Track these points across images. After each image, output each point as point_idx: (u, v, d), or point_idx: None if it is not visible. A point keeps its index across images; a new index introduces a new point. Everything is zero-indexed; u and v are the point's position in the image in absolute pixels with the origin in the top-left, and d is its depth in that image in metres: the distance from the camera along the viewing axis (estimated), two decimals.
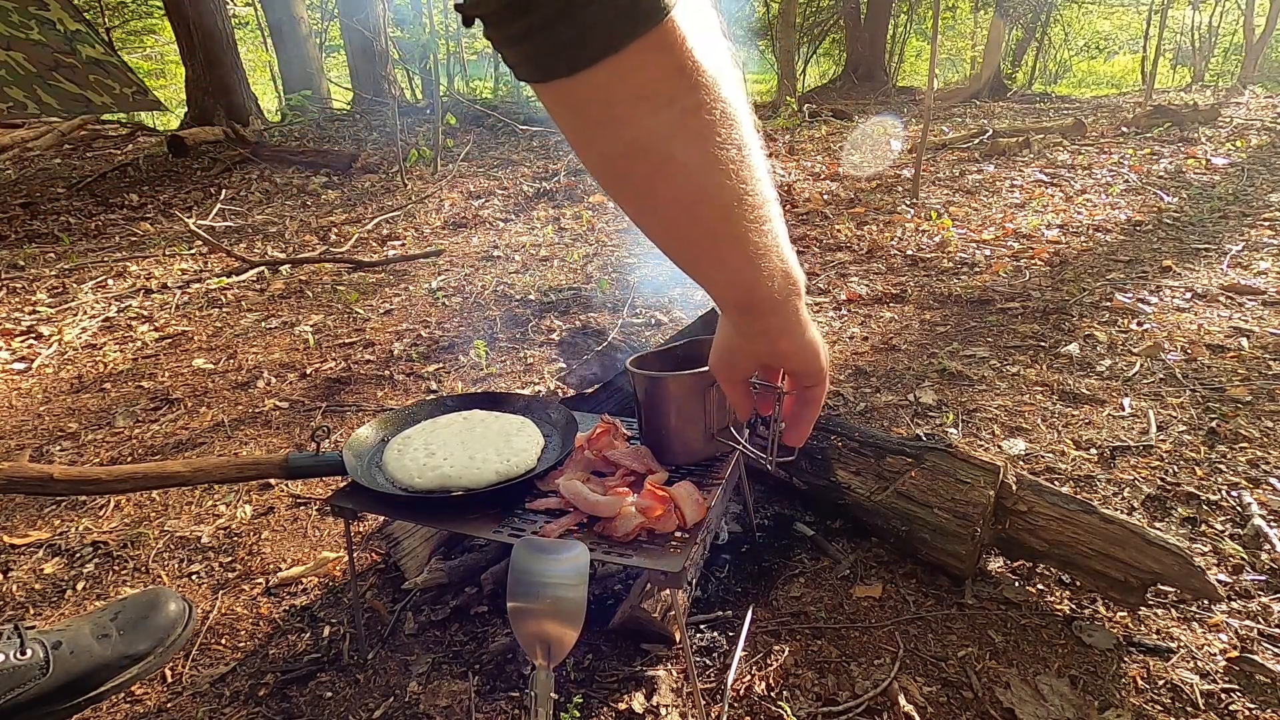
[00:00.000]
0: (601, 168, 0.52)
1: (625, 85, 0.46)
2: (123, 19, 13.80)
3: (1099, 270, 3.00)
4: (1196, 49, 13.27)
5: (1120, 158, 5.06)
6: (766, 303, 0.60)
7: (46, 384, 2.60)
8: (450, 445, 1.19)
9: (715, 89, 0.48)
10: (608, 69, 0.45)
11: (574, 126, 0.50)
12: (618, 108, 0.47)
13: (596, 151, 0.51)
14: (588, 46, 0.44)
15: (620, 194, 0.54)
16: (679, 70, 0.46)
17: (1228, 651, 1.19)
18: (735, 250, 0.55)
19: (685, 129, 0.48)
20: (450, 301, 3.18)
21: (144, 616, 1.22)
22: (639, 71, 0.45)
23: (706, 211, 0.53)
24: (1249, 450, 1.71)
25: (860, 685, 1.16)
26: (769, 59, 14.54)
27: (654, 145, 0.49)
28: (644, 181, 0.52)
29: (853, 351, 2.43)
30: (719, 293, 0.61)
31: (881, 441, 1.47)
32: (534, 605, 0.87)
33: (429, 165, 5.93)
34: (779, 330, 0.62)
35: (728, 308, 0.63)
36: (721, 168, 0.51)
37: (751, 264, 0.56)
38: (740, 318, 0.63)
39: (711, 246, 0.56)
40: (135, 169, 6.35)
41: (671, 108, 0.47)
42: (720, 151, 0.50)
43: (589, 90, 0.46)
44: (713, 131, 0.49)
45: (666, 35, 0.44)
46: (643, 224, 0.56)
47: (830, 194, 4.66)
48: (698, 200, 0.52)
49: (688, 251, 0.58)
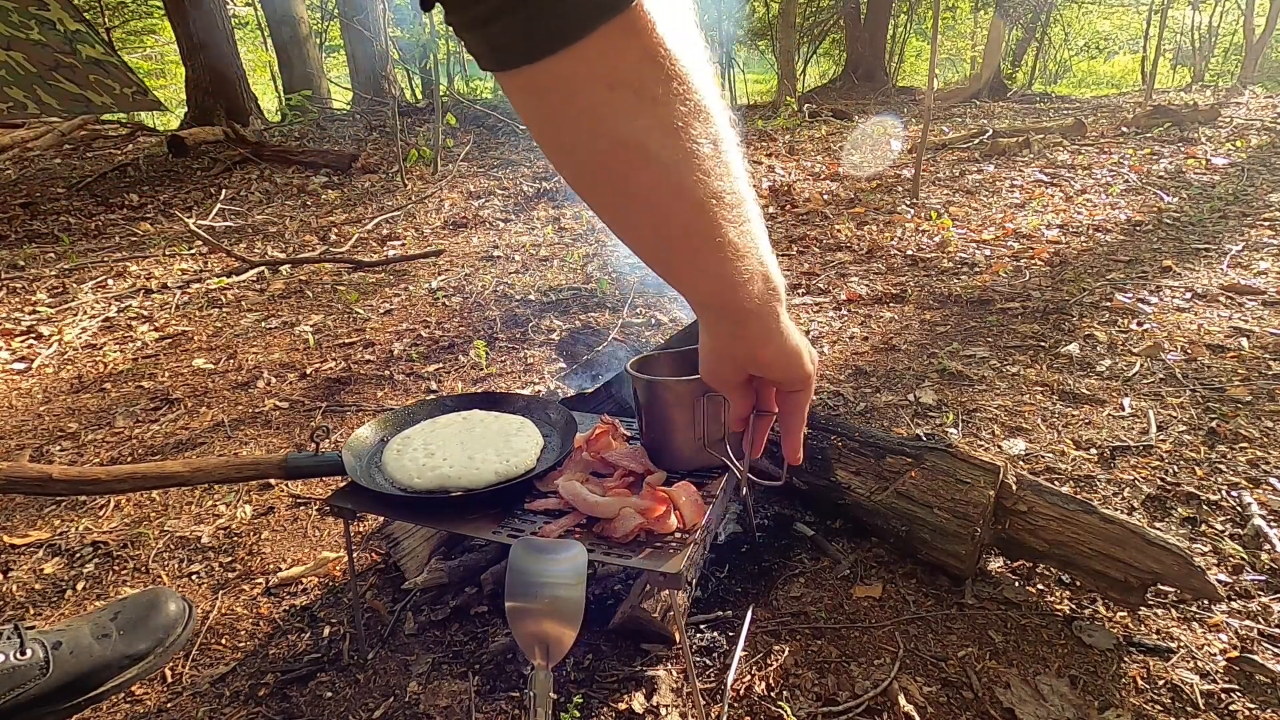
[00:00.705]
0: (568, 162, 0.49)
1: (591, 73, 0.43)
2: (123, 19, 13.80)
3: (1099, 270, 3.00)
4: (1196, 49, 13.27)
5: (1120, 158, 5.06)
6: (745, 307, 0.57)
7: (46, 384, 2.60)
8: (449, 445, 1.19)
9: (688, 81, 0.46)
10: (573, 56, 0.42)
11: (538, 118, 0.47)
12: (583, 97, 0.44)
13: (562, 145, 0.48)
14: (551, 31, 0.41)
15: (588, 190, 0.51)
16: (648, 58, 0.44)
17: (1228, 651, 1.19)
18: (711, 250, 0.53)
19: (656, 120, 0.46)
20: (450, 301, 3.18)
21: (144, 616, 1.22)
22: (605, 58, 0.43)
23: (679, 208, 0.50)
24: (1249, 450, 1.71)
25: (860, 685, 1.16)
26: (769, 59, 14.54)
27: (622, 137, 0.46)
28: (613, 176, 0.49)
29: (853, 351, 2.43)
30: (694, 295, 0.58)
31: (881, 441, 1.47)
32: (532, 605, 0.87)
33: (429, 165, 5.93)
34: (759, 337, 0.59)
35: (704, 311, 0.60)
36: (696, 163, 0.48)
37: (728, 265, 0.53)
38: (718, 322, 0.60)
39: (685, 246, 0.53)
40: (135, 169, 6.35)
41: (641, 98, 0.45)
42: (694, 146, 0.48)
43: (553, 78, 0.44)
44: (686, 125, 0.47)
45: (635, 21, 0.42)
46: (613, 223, 0.53)
47: (830, 194, 4.66)
48: (670, 196, 0.49)
49: (661, 251, 0.55)
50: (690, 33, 0.47)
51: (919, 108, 8.17)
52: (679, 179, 0.48)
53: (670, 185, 0.49)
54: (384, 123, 8.01)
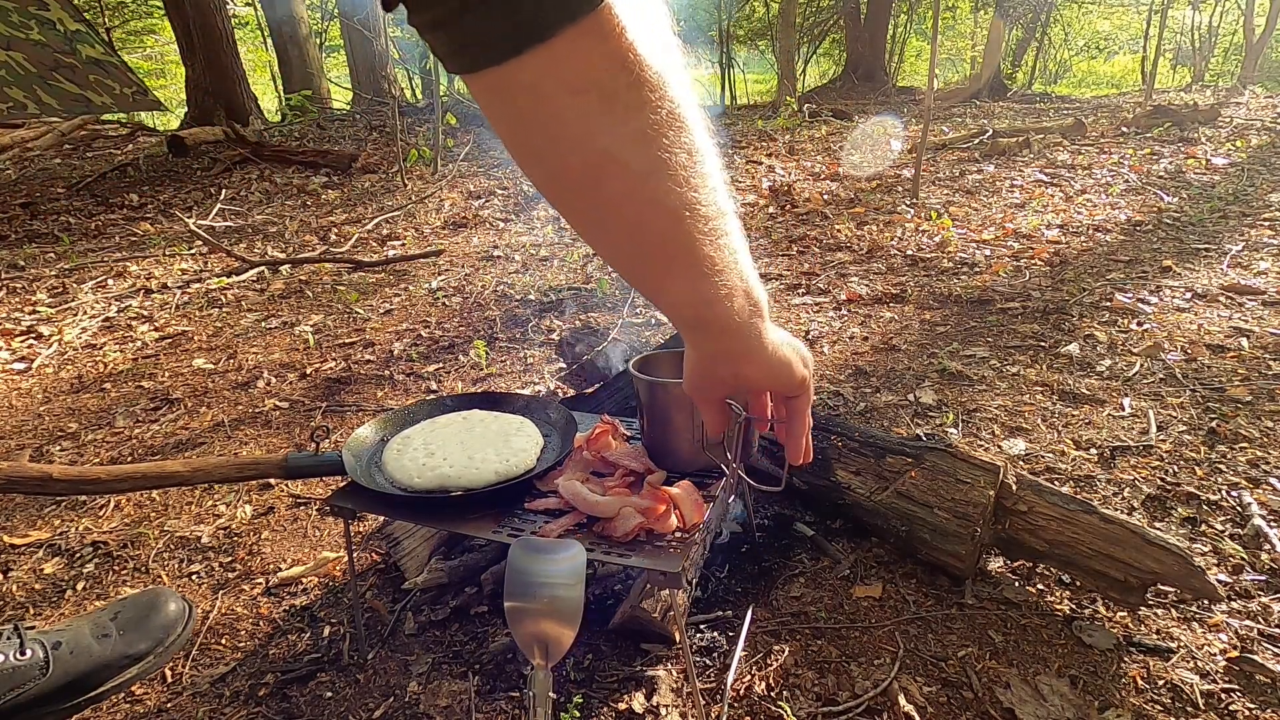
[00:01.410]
0: (537, 169, 0.48)
1: (556, 76, 0.42)
2: (123, 19, 13.81)
3: (1099, 270, 3.00)
4: (1196, 49, 13.28)
5: (1120, 158, 5.06)
6: (724, 324, 0.55)
7: (46, 384, 2.60)
8: (449, 445, 1.19)
9: (661, 87, 0.44)
10: (536, 59, 0.41)
11: (505, 122, 0.45)
12: (548, 102, 0.43)
13: (530, 150, 0.47)
14: (513, 33, 0.40)
15: (558, 198, 0.49)
16: (618, 63, 0.42)
17: (1228, 651, 1.19)
18: (686, 264, 0.50)
19: (626, 128, 0.44)
20: (450, 301, 3.19)
21: (144, 616, 1.22)
22: (570, 62, 0.41)
23: (652, 219, 0.48)
24: (1249, 450, 1.71)
25: (860, 685, 1.16)
26: (769, 59, 14.55)
27: (590, 144, 0.44)
28: (582, 184, 0.47)
29: (853, 351, 2.43)
30: (672, 311, 0.55)
31: (881, 441, 1.47)
32: (531, 605, 0.87)
33: (429, 165, 5.93)
34: (741, 354, 0.58)
35: (683, 327, 0.57)
36: (670, 173, 0.46)
37: (706, 280, 0.51)
38: (698, 338, 0.58)
39: (660, 258, 0.51)
40: (135, 169, 6.35)
41: (609, 104, 0.43)
42: (668, 155, 0.46)
43: (516, 82, 0.42)
44: (659, 133, 0.45)
45: (602, 25, 0.41)
46: (585, 234, 0.51)
47: (830, 194, 4.65)
48: (642, 206, 0.47)
49: (635, 264, 0.53)
50: (665, 39, 0.45)
51: (919, 108, 8.17)
52: (651, 188, 0.47)
53: (642, 195, 0.47)
54: (384, 123, 8.01)
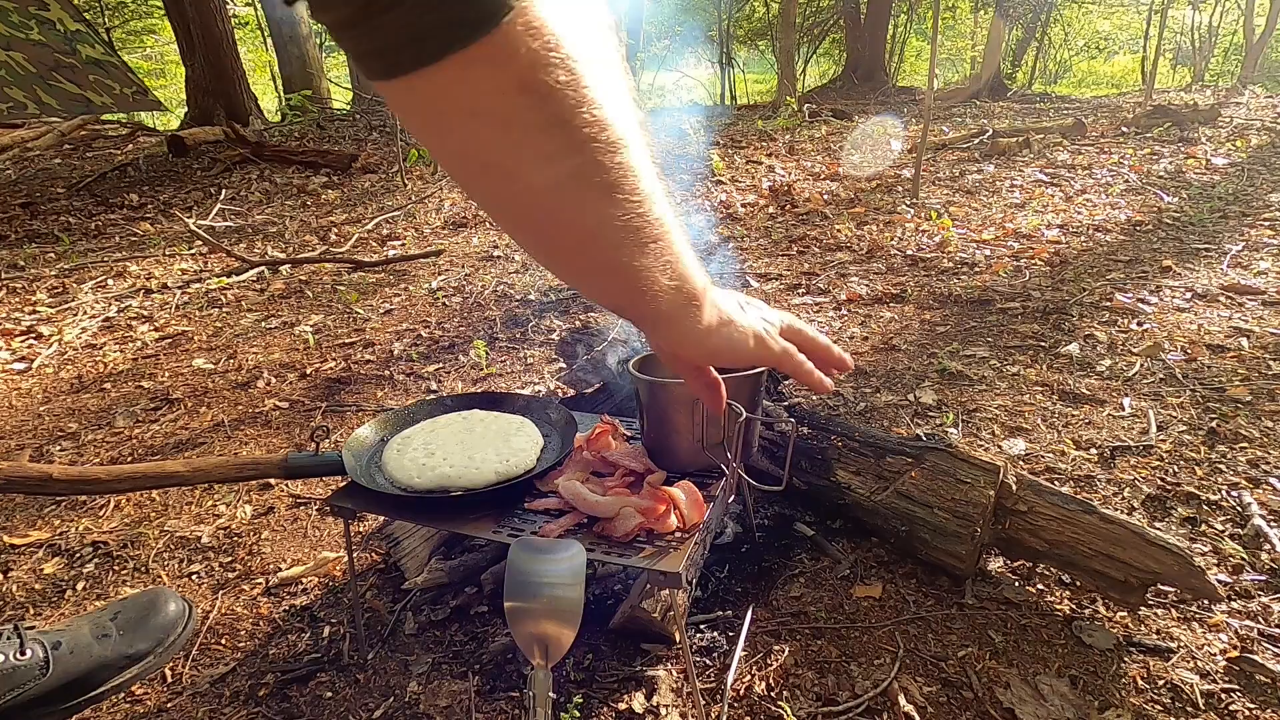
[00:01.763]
0: (449, 170, 0.47)
1: (450, 99, 0.41)
2: (123, 19, 13.81)
3: (1099, 270, 3.00)
4: (1196, 49, 13.28)
5: (1120, 158, 5.06)
6: (652, 318, 0.56)
7: (46, 384, 2.60)
8: (449, 445, 1.19)
9: (575, 101, 0.42)
10: (429, 79, 0.39)
11: (412, 129, 0.45)
12: (445, 120, 0.42)
13: (439, 154, 0.46)
14: (405, 51, 0.38)
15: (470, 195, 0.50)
16: (520, 89, 0.40)
17: (1228, 651, 1.19)
18: (604, 272, 0.51)
19: (529, 150, 0.43)
20: (450, 301, 3.19)
21: (144, 616, 1.22)
22: (463, 86, 0.40)
23: (563, 234, 0.49)
24: (1249, 450, 1.71)
25: (860, 685, 1.16)
26: (769, 59, 14.55)
27: (490, 162, 0.44)
28: (486, 196, 0.47)
29: (853, 351, 2.43)
30: (600, 303, 0.58)
31: (881, 441, 1.47)
32: (531, 605, 0.87)
33: (429, 165, 5.92)
34: (676, 339, 0.59)
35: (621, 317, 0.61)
36: (580, 188, 0.45)
37: (624, 284, 0.52)
38: (637, 326, 0.61)
39: (577, 266, 0.52)
40: (135, 169, 6.35)
41: (508, 128, 0.42)
42: (579, 171, 0.45)
43: (413, 97, 0.41)
44: (569, 150, 0.43)
45: (502, 49, 0.38)
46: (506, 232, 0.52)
47: (830, 194, 4.65)
48: (549, 221, 0.48)
49: (555, 269, 0.54)
50: (592, 48, 0.43)
51: (919, 108, 8.17)
52: (556, 204, 0.46)
53: (549, 216, 0.47)
54: (384, 123, 8.01)
